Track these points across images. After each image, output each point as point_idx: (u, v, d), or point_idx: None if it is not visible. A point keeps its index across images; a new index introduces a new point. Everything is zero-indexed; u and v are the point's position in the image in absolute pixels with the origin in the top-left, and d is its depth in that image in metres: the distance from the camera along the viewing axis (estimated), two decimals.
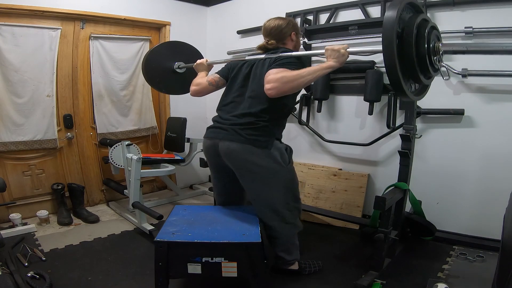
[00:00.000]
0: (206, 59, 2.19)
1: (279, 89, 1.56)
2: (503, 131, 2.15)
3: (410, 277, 1.95)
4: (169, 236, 1.62)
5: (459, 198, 2.37)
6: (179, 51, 2.63)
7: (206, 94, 2.04)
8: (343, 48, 1.56)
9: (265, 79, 1.62)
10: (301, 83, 1.59)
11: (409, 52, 1.37)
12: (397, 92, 1.45)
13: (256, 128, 1.71)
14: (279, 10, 3.06)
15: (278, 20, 1.88)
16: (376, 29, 2.53)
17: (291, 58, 1.69)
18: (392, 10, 1.31)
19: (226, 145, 1.75)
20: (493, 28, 2.07)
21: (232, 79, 1.90)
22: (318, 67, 1.60)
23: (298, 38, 1.95)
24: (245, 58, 1.90)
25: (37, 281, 1.84)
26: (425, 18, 1.47)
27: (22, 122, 2.71)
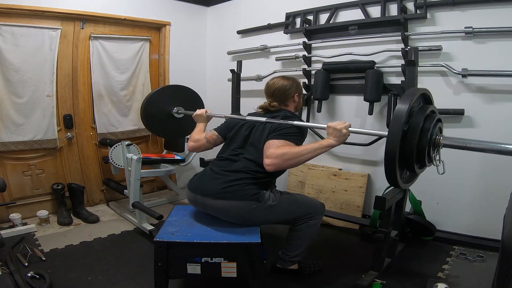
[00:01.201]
0: (205, 110, 2.20)
1: (278, 166, 1.59)
2: (503, 131, 2.14)
3: (410, 277, 1.95)
4: (168, 236, 1.62)
5: (459, 198, 2.36)
6: (180, 95, 2.67)
7: (204, 151, 2.08)
8: (345, 127, 1.58)
9: (265, 152, 1.62)
10: (300, 161, 1.61)
11: (411, 144, 1.43)
12: (389, 181, 1.51)
13: (247, 183, 1.69)
14: (279, 10, 3.07)
15: (283, 80, 1.90)
16: (376, 29, 2.53)
17: (292, 129, 1.71)
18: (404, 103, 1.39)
19: (212, 203, 1.72)
20: (493, 28, 2.07)
21: (230, 139, 1.90)
22: (318, 145, 1.61)
23: (300, 99, 1.98)
24: (246, 118, 1.90)
25: (37, 281, 1.84)
26: (433, 110, 1.53)
27: (22, 122, 2.71)
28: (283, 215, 1.78)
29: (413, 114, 1.45)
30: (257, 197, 1.67)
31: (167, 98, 2.59)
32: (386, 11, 2.48)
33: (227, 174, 1.73)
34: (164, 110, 2.57)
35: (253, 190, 1.68)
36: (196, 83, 3.36)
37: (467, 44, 2.21)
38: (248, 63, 3.21)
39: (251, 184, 1.69)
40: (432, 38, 2.31)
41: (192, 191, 1.81)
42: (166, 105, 2.57)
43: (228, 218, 1.73)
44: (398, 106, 1.40)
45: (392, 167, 1.40)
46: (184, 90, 2.72)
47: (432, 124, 1.44)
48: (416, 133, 1.42)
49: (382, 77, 2.45)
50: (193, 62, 3.75)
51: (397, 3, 2.39)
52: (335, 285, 1.91)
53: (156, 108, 2.55)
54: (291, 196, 1.86)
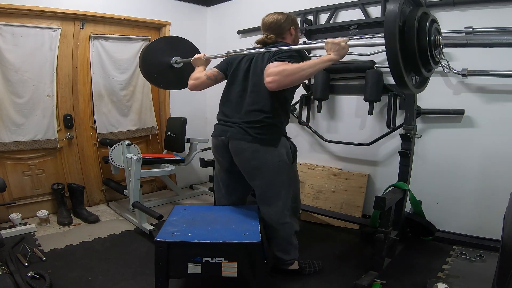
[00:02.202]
0: (203, 54, 2.18)
1: (280, 82, 1.56)
2: (503, 131, 2.15)
3: (410, 277, 1.95)
4: (169, 236, 1.62)
5: (459, 198, 2.37)
6: (176, 47, 2.63)
7: (205, 88, 2.03)
8: (344, 41, 1.56)
9: (265, 72, 1.61)
10: (302, 76, 1.59)
11: (411, 45, 1.38)
12: (399, 85, 1.45)
13: (263, 126, 1.72)
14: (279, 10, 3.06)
15: (277, 14, 1.89)
16: (376, 29, 2.53)
17: (290, 52, 1.69)
18: (393, 3, 1.32)
19: (235, 143, 1.77)
20: (493, 28, 2.07)
21: (232, 74, 1.89)
22: (318, 60, 1.60)
23: (297, 33, 1.95)
24: (244, 52, 1.89)
25: (37, 281, 1.84)
26: (425, 11, 1.48)
27: (22, 122, 2.71)
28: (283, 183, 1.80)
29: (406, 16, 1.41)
30: (275, 142, 1.75)
31: (165, 49, 2.56)
32: None
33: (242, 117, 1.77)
34: (162, 60, 2.54)
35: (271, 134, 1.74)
36: None
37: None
38: None
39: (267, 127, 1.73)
40: None
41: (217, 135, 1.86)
42: (164, 56, 2.55)
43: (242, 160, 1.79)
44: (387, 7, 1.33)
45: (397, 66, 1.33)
46: (180, 41, 2.68)
47: (427, 23, 1.40)
48: (413, 32, 1.37)
49: (382, 77, 2.45)
50: None
51: None
52: (335, 285, 1.91)
53: (155, 58, 2.50)
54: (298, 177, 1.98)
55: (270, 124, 1.74)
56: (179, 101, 3.60)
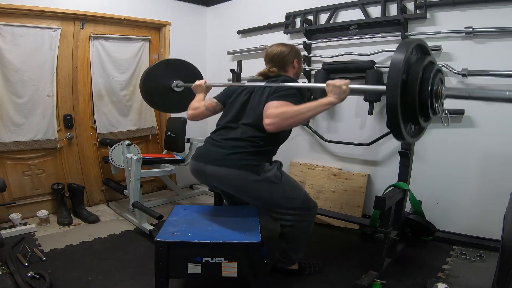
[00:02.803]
0: (204, 81, 2.18)
1: (278, 125, 1.55)
2: (503, 131, 2.15)
3: (410, 277, 1.95)
4: (169, 236, 1.62)
5: (459, 198, 2.37)
6: (178, 69, 2.64)
7: (203, 119, 2.04)
8: (345, 84, 1.53)
9: (265, 112, 1.60)
10: (300, 120, 1.57)
11: (412, 96, 1.37)
12: (395, 136, 1.45)
13: (247, 152, 1.68)
14: (279, 10, 3.07)
15: (281, 46, 1.88)
16: (376, 29, 2.53)
17: (291, 90, 1.68)
18: (400, 53, 1.32)
19: (214, 170, 1.72)
20: (493, 28, 2.07)
21: (230, 105, 1.89)
22: (318, 103, 1.57)
23: (300, 65, 1.95)
24: (245, 84, 1.89)
25: (37, 281, 1.84)
26: (431, 60, 1.47)
27: (22, 122, 2.71)
28: (281, 198, 1.75)
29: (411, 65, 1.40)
30: (258, 169, 1.67)
31: (166, 72, 2.56)
32: (386, 11, 2.48)
33: (227, 142, 1.73)
34: (163, 84, 2.54)
35: (254, 161, 1.67)
36: None
37: (467, 44, 2.21)
38: (248, 63, 3.21)
39: (251, 154, 1.68)
40: (432, 38, 2.31)
41: (195, 159, 1.82)
42: (165, 79, 2.54)
43: (228, 187, 1.73)
44: (394, 56, 1.33)
45: (396, 119, 1.33)
46: (182, 63, 2.69)
47: (431, 73, 1.39)
48: (416, 83, 1.35)
49: (382, 77, 2.45)
50: (193, 62, 3.70)
51: (397, 3, 2.39)
52: (335, 285, 1.91)
53: (155, 81, 2.51)
54: (294, 182, 1.85)
55: (255, 152, 1.70)
56: None
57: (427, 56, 1.48)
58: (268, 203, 1.78)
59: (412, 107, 1.39)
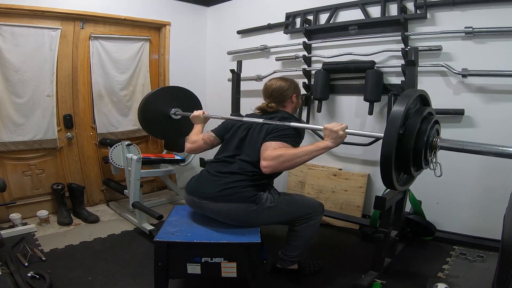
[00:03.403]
0: (202, 112, 2.18)
1: (275, 168, 1.58)
2: (503, 131, 2.14)
3: (410, 277, 1.95)
4: (168, 236, 1.62)
5: (459, 198, 2.36)
6: (177, 97, 2.65)
7: (201, 152, 2.07)
8: (341, 129, 1.55)
9: (262, 154, 1.62)
10: (297, 163, 1.61)
11: (408, 147, 1.41)
12: (386, 184, 1.49)
13: (243, 185, 1.68)
14: (279, 10, 3.07)
15: (280, 81, 1.90)
16: (376, 29, 2.53)
17: (289, 130, 1.70)
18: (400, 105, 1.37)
19: (209, 205, 1.71)
20: (493, 28, 2.07)
21: (228, 140, 1.90)
22: (314, 147, 1.60)
23: (298, 100, 1.97)
24: (243, 119, 1.89)
25: (37, 281, 1.84)
26: (430, 111, 1.51)
27: (22, 122, 2.71)
28: (281, 217, 1.78)
29: (409, 116, 1.44)
30: (255, 199, 1.67)
31: (164, 99, 2.58)
32: (386, 11, 2.48)
33: (223, 176, 1.73)
34: (161, 111, 2.56)
35: (250, 192, 1.67)
36: (196, 83, 3.36)
37: (467, 44, 2.21)
38: (248, 63, 3.21)
39: (248, 186, 1.68)
40: (432, 38, 2.31)
41: (189, 193, 1.81)
42: (163, 107, 2.57)
43: (226, 220, 1.73)
44: (394, 108, 1.38)
45: (388, 171, 1.39)
46: (181, 91, 2.71)
47: (429, 126, 1.43)
48: (412, 135, 1.40)
49: (382, 77, 2.45)
50: (193, 62, 3.75)
51: (397, 3, 2.39)
52: (335, 285, 1.91)
53: (154, 109, 2.54)
54: (289, 197, 1.86)
55: (250, 185, 1.69)
56: None
57: (427, 107, 1.52)
58: (272, 223, 1.80)
59: (406, 158, 1.43)
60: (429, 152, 1.45)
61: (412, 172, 1.52)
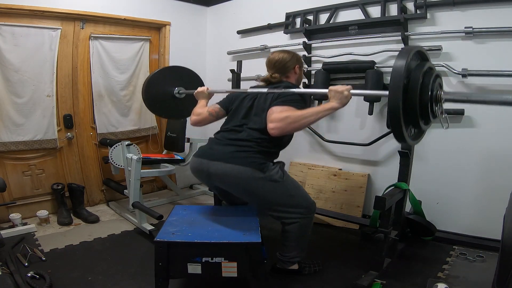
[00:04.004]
0: (206, 88, 2.19)
1: (282, 129, 1.59)
2: (503, 131, 2.15)
3: (410, 277, 1.95)
4: (169, 236, 1.62)
5: (459, 198, 2.37)
6: (180, 76, 2.64)
7: (206, 124, 2.06)
8: (346, 89, 1.57)
9: (269, 117, 1.64)
10: (304, 124, 1.62)
11: (413, 100, 1.43)
12: (397, 138, 1.50)
13: (253, 151, 1.71)
14: (279, 10, 3.07)
15: (283, 53, 1.91)
16: (376, 29, 2.53)
17: (294, 95, 1.71)
18: (401, 59, 1.38)
19: (219, 167, 1.72)
20: (493, 28, 2.07)
21: (233, 111, 1.91)
22: (320, 108, 1.62)
23: (301, 71, 1.98)
24: (247, 90, 1.91)
25: (37, 281, 1.84)
26: (430, 66, 1.52)
27: (22, 122, 2.71)
28: (282, 196, 1.78)
29: (411, 70, 1.45)
30: (263, 167, 1.70)
31: (168, 79, 2.58)
32: (386, 11, 2.48)
33: (233, 143, 1.76)
34: (165, 90, 2.56)
35: (260, 159, 1.70)
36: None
37: (467, 44, 2.21)
38: (248, 63, 3.21)
39: (257, 153, 1.71)
40: (432, 38, 2.31)
41: (198, 156, 1.83)
42: (167, 86, 2.57)
43: (230, 185, 1.75)
44: (395, 62, 1.40)
45: (398, 123, 1.39)
46: (185, 71, 2.70)
47: (431, 79, 1.44)
48: (416, 88, 1.41)
49: (382, 77, 2.45)
50: (193, 62, 3.72)
51: (397, 3, 2.39)
52: (335, 285, 1.91)
53: (157, 89, 2.53)
54: (295, 182, 1.89)
55: (260, 151, 1.72)
56: None
57: (426, 62, 1.53)
58: (270, 201, 1.79)
59: (413, 111, 1.44)
60: (435, 105, 1.46)
61: (421, 126, 1.53)
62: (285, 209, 1.80)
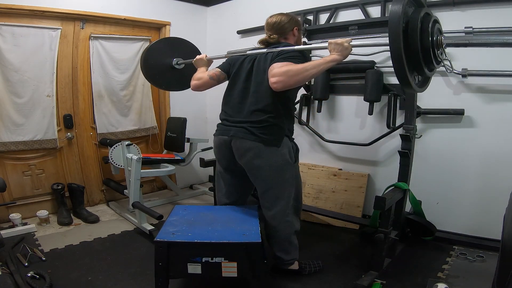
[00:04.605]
0: (205, 55, 2.18)
1: (285, 83, 1.58)
2: (503, 131, 2.15)
3: (410, 277, 1.95)
4: (169, 236, 1.62)
5: (459, 198, 2.37)
6: (177, 48, 2.62)
7: (208, 89, 2.03)
8: (346, 41, 1.57)
9: (270, 72, 1.63)
10: (306, 76, 1.60)
11: (414, 46, 1.40)
12: (402, 84, 1.47)
13: (266, 126, 1.73)
14: (279, 10, 3.04)
15: (281, 15, 1.90)
16: (376, 29, 2.53)
17: (294, 52, 1.70)
18: (397, 4, 1.34)
19: (238, 143, 1.77)
20: (493, 28, 2.07)
21: (234, 74, 1.89)
22: (322, 60, 1.61)
23: (299, 34, 1.96)
24: (246, 52, 1.89)
25: (37, 281, 1.84)
26: (427, 12, 1.50)
27: (22, 122, 2.71)
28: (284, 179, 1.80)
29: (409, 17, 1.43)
30: (278, 141, 1.74)
31: (166, 50, 2.56)
32: (386, 11, 2.48)
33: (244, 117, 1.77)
34: (164, 61, 2.53)
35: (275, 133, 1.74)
36: None
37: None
38: None
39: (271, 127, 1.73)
40: None
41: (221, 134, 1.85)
42: (165, 57, 2.54)
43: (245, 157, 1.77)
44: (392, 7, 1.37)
45: (402, 67, 1.36)
46: (182, 42, 2.68)
47: (429, 24, 1.43)
48: (416, 32, 1.40)
49: (382, 77, 2.45)
50: None
51: None
52: (335, 285, 1.91)
53: (156, 59, 2.51)
54: (299, 176, 1.98)
55: (273, 124, 1.74)
56: (179, 101, 3.60)
57: (422, 8, 1.50)
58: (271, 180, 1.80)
59: (416, 56, 1.42)
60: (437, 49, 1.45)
61: (426, 72, 1.51)
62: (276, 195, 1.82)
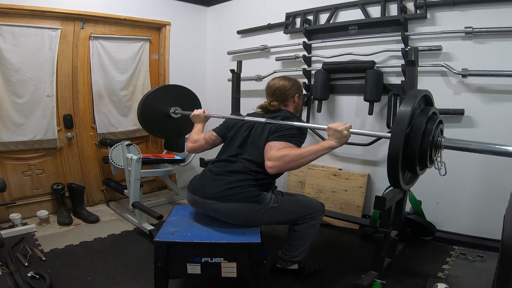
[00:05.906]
0: (203, 110, 2.17)
1: (280, 168, 1.59)
2: (503, 131, 2.14)
3: (410, 277, 1.95)
4: (168, 236, 1.62)
5: (459, 198, 2.36)
6: (177, 95, 2.64)
7: (203, 151, 2.06)
8: (346, 128, 1.55)
9: (266, 154, 1.62)
10: (302, 163, 1.61)
11: (414, 146, 1.43)
12: (392, 184, 1.50)
13: (247, 185, 1.68)
14: (279, 10, 3.07)
15: (283, 80, 1.90)
16: (376, 29, 2.53)
17: (292, 130, 1.70)
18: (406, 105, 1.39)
19: (213, 206, 1.70)
20: (493, 28, 2.07)
21: (230, 140, 1.89)
22: (319, 147, 1.59)
23: (300, 100, 1.97)
24: (244, 118, 1.89)
25: (37, 281, 1.84)
26: (435, 111, 1.54)
27: (22, 122, 2.71)
28: (284, 216, 1.78)
29: (415, 116, 1.46)
30: (258, 199, 1.66)
31: (164, 98, 2.58)
32: (386, 11, 2.48)
33: (226, 175, 1.72)
34: (161, 110, 2.55)
35: (254, 192, 1.67)
36: (196, 83, 3.36)
37: (467, 44, 2.21)
38: (248, 63, 3.21)
39: (251, 186, 1.68)
40: (432, 38, 2.31)
41: (192, 193, 1.80)
42: (163, 105, 2.56)
43: (229, 220, 1.72)
44: (400, 108, 1.41)
45: (395, 170, 1.40)
46: (181, 89, 2.71)
47: (434, 126, 1.45)
48: (418, 135, 1.42)
49: (382, 77, 2.45)
50: (193, 62, 3.75)
51: (397, 3, 2.39)
52: (335, 285, 1.91)
53: (153, 108, 2.52)
54: (292, 197, 1.87)
55: (254, 185, 1.69)
56: None
57: (431, 107, 1.54)
58: (274, 223, 1.81)
59: (412, 158, 1.45)
60: (434, 151, 1.47)
61: (417, 171, 1.54)
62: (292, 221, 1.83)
